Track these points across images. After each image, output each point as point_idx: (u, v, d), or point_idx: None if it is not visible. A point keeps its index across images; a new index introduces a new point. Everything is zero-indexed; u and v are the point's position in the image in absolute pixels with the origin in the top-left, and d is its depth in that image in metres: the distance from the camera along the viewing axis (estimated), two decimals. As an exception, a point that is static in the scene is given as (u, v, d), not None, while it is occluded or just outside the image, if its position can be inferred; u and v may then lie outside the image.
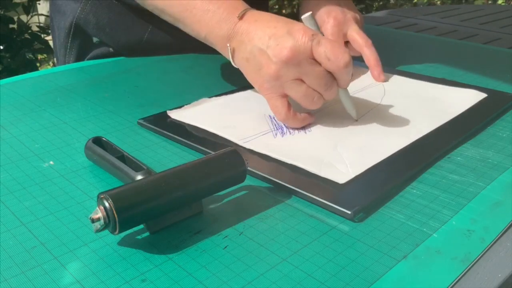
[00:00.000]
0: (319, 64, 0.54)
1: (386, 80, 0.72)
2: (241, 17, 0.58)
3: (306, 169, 0.49)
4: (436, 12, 1.42)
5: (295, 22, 0.56)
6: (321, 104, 0.57)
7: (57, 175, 0.49)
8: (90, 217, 0.37)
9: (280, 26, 0.56)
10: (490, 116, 0.62)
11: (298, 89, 0.55)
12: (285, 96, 0.57)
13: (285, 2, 3.49)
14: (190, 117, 0.60)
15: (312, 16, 0.58)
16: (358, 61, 0.78)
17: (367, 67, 0.74)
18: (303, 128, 0.58)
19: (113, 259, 0.38)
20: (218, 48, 0.62)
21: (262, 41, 0.56)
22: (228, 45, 0.59)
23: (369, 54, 0.71)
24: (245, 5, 0.60)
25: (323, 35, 0.57)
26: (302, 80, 0.55)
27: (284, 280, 0.36)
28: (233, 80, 0.76)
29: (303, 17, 0.58)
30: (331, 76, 0.55)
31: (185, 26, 0.66)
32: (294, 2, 3.56)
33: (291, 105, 0.58)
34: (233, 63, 0.61)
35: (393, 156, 0.52)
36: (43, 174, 0.50)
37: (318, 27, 0.59)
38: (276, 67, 0.54)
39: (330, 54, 0.53)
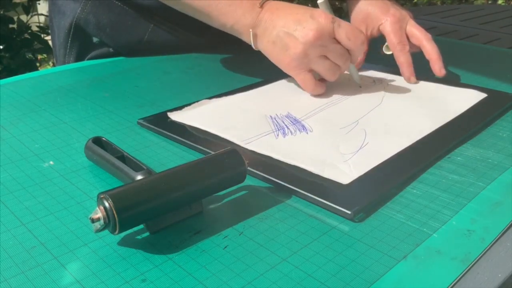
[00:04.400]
0: (339, 42, 0.64)
1: (443, 75, 0.73)
2: (261, 6, 0.66)
3: (309, 170, 0.49)
4: (436, 12, 1.42)
5: (313, 8, 0.65)
6: (338, 75, 0.68)
7: (57, 175, 0.49)
8: (90, 217, 0.37)
9: (302, 12, 0.64)
10: (490, 116, 0.62)
11: (323, 64, 0.65)
12: (311, 71, 0.67)
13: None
14: (190, 119, 0.60)
15: (327, 1, 0.67)
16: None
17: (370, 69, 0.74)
18: (304, 128, 0.58)
19: (113, 259, 0.38)
20: (243, 36, 0.69)
21: (288, 26, 0.64)
22: (250, 30, 0.67)
23: (430, 48, 0.74)
24: None
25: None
26: (326, 57, 0.65)
27: (284, 280, 0.36)
28: (234, 80, 0.76)
29: (320, 2, 0.66)
30: (348, 52, 0.65)
31: (210, 18, 0.71)
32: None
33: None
34: (255, 47, 0.68)
35: (393, 156, 0.52)
36: (43, 174, 0.49)
37: (332, 12, 0.66)
38: (304, 47, 0.63)
39: (350, 34, 0.64)
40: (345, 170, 0.49)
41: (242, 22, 0.67)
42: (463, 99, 0.66)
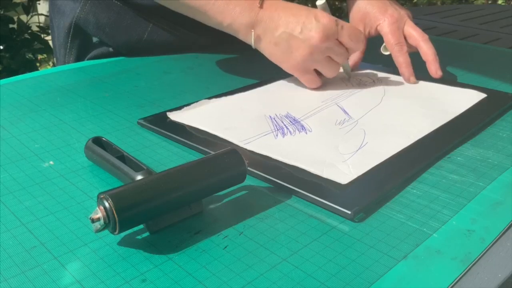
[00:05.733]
0: (341, 42, 0.66)
1: (439, 77, 0.73)
2: (261, 6, 0.67)
3: (308, 170, 0.49)
4: (436, 12, 1.42)
5: (313, 9, 0.66)
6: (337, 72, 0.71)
7: (57, 175, 0.49)
8: (90, 217, 0.37)
9: (305, 14, 0.65)
10: (490, 116, 0.62)
11: (328, 64, 0.68)
12: (314, 69, 0.69)
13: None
14: (190, 119, 0.60)
15: (326, 4, 0.68)
16: (364, 63, 0.78)
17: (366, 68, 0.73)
18: (304, 128, 0.58)
19: (113, 259, 0.38)
20: (240, 35, 0.69)
21: (292, 27, 0.65)
22: (252, 31, 0.67)
23: (426, 49, 0.74)
24: None
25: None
26: (330, 57, 0.67)
27: (284, 280, 0.36)
28: (234, 80, 0.76)
29: (319, 4, 0.68)
30: (347, 50, 0.68)
31: (207, 17, 0.71)
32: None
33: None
34: (255, 47, 0.69)
35: (393, 156, 0.52)
36: (43, 174, 0.49)
37: (330, 12, 0.68)
38: (310, 49, 0.65)
39: (352, 35, 0.66)
40: (344, 170, 0.49)
41: (240, 21, 0.67)
42: (463, 99, 0.66)
